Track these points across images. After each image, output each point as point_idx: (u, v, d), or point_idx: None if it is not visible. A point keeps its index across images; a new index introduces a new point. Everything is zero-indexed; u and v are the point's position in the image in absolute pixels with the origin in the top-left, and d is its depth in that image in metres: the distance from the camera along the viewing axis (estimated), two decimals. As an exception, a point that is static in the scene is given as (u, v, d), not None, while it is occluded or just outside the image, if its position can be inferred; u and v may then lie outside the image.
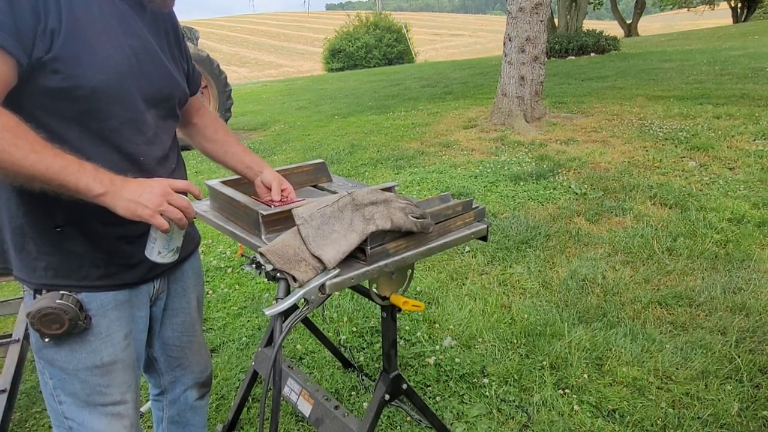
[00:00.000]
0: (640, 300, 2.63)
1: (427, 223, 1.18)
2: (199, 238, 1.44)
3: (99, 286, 1.12)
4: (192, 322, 1.42)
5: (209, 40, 41.10)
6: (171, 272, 1.31)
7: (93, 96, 1.00)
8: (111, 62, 1.01)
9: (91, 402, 1.17)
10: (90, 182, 0.94)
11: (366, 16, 24.51)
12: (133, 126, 1.08)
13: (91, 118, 1.02)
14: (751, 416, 1.88)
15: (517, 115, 6.10)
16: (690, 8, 32.93)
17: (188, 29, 7.66)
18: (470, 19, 71.61)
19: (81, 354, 1.13)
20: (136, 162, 1.10)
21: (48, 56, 0.94)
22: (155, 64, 1.13)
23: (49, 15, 0.93)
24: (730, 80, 7.55)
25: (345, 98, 10.60)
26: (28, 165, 0.89)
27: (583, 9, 14.96)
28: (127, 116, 1.06)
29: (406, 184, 4.59)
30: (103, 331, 1.14)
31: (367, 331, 2.55)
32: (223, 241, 3.73)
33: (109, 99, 1.02)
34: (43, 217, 1.05)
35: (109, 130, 1.05)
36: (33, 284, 1.09)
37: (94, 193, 0.94)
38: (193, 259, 1.39)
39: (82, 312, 1.08)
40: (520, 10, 5.88)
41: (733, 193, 3.78)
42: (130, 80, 1.06)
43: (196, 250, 1.42)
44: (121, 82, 1.03)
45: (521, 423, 1.94)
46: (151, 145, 1.13)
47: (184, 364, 1.45)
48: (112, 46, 1.02)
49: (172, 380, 1.47)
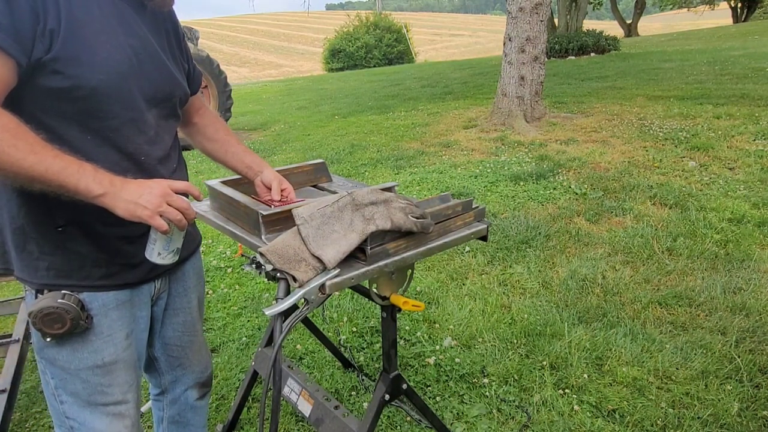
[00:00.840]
0: (640, 300, 2.63)
1: (427, 223, 1.18)
2: (200, 238, 1.44)
3: (100, 285, 1.12)
4: (193, 322, 1.42)
5: (209, 40, 41.10)
6: (172, 272, 1.31)
7: (93, 96, 0.99)
8: (111, 62, 1.01)
9: (93, 402, 1.17)
10: (89, 183, 0.94)
11: (366, 16, 24.52)
12: (133, 126, 1.08)
13: (91, 118, 1.02)
14: (751, 416, 1.88)
15: (517, 115, 6.10)
16: (690, 8, 32.95)
17: (188, 29, 7.66)
18: (470, 19, 71.61)
19: (82, 354, 1.13)
20: (137, 162, 1.09)
21: (48, 57, 0.93)
22: (156, 63, 1.13)
23: (48, 15, 0.93)
24: (730, 80, 7.55)
25: (345, 98, 10.60)
26: (27, 166, 0.89)
27: (583, 9, 14.95)
28: (127, 116, 1.06)
29: (406, 184, 4.58)
30: (104, 330, 1.14)
31: (367, 331, 2.55)
32: (223, 241, 3.73)
33: (110, 99, 1.02)
34: (45, 217, 1.05)
35: (110, 129, 1.04)
36: (35, 284, 1.09)
37: (93, 194, 0.94)
38: (194, 259, 1.39)
39: (83, 312, 1.08)
40: (520, 10, 5.88)
41: (733, 193, 3.78)
42: (131, 80, 1.05)
43: (197, 250, 1.42)
44: (121, 81, 1.03)
45: (521, 423, 1.94)
46: (152, 145, 1.12)
47: (184, 364, 1.45)
48: (112, 45, 1.02)
49: (173, 380, 1.47)
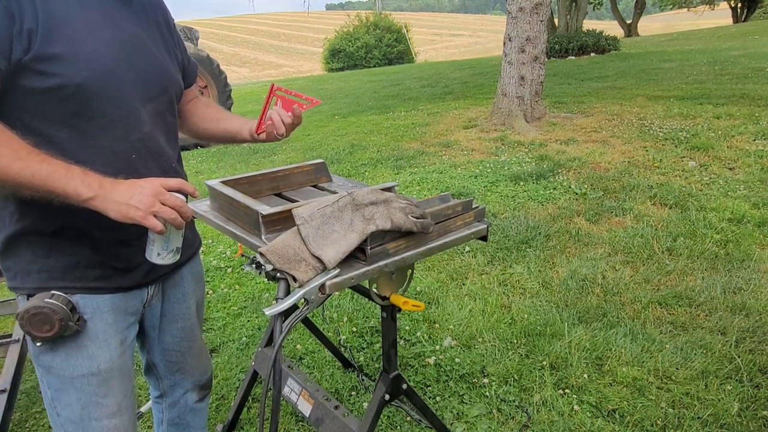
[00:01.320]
0: (640, 300, 2.63)
1: (427, 223, 1.18)
2: (199, 242, 1.42)
3: (95, 288, 1.10)
4: (192, 328, 1.40)
5: (209, 40, 41.07)
6: (167, 278, 1.28)
7: (79, 94, 0.97)
8: (96, 58, 0.98)
9: (87, 417, 1.14)
10: (78, 186, 0.92)
11: (366, 16, 24.53)
12: (125, 123, 1.05)
13: (79, 118, 0.99)
14: (751, 416, 1.88)
15: (517, 115, 6.10)
16: (690, 8, 32.95)
17: (188, 29, 7.68)
18: (470, 19, 71.62)
19: (77, 359, 1.09)
20: (129, 161, 1.07)
21: (27, 57, 0.91)
22: (146, 57, 1.09)
23: (25, 15, 0.90)
24: (730, 80, 7.55)
25: (345, 98, 10.59)
26: (13, 173, 0.88)
27: (583, 9, 14.95)
28: (117, 114, 1.03)
29: (406, 184, 4.58)
30: (99, 335, 1.11)
31: (367, 331, 2.55)
32: (223, 241, 3.73)
33: (98, 97, 0.99)
34: (39, 222, 1.03)
35: (100, 129, 1.02)
36: (27, 289, 1.06)
37: (83, 198, 0.92)
38: (192, 264, 1.36)
39: (74, 313, 1.05)
40: (520, 10, 5.88)
41: (733, 193, 3.78)
42: (120, 76, 1.02)
43: (197, 255, 1.40)
44: (108, 78, 1.00)
45: (521, 423, 1.94)
46: (146, 143, 1.10)
47: (183, 369, 1.43)
48: (96, 41, 0.99)
49: (172, 384, 1.45)
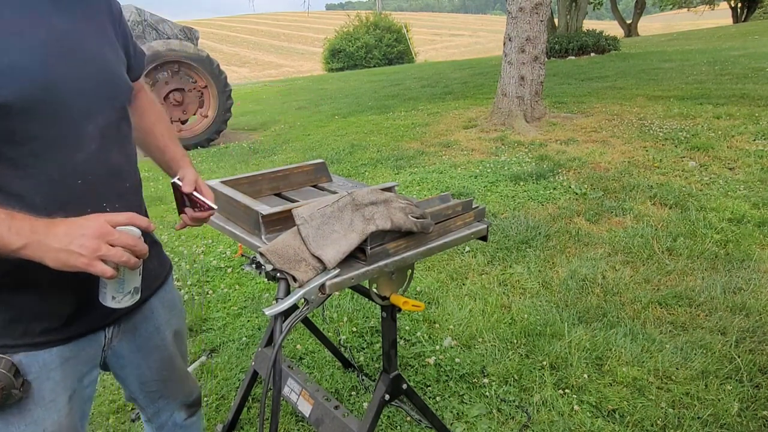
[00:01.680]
0: (640, 300, 2.63)
1: (427, 223, 1.18)
2: (169, 266, 1.25)
3: (42, 342, 0.94)
4: (170, 357, 1.25)
5: (209, 40, 41.08)
6: (134, 314, 1.12)
7: (0, 118, 0.80)
8: (16, 71, 0.81)
9: None
10: (4, 235, 0.76)
11: (366, 16, 24.54)
12: (64, 144, 0.88)
13: (6, 145, 0.82)
14: (751, 416, 1.88)
15: (517, 115, 6.10)
16: (690, 8, 32.95)
17: (188, 29, 7.68)
18: (470, 19, 71.62)
19: (19, 427, 0.93)
20: (74, 189, 0.90)
21: None
22: (86, 60, 0.92)
23: None
24: (730, 80, 7.55)
25: (345, 98, 10.60)
26: None
27: (583, 9, 14.96)
28: (53, 134, 0.86)
29: (406, 184, 4.58)
30: (46, 395, 0.95)
31: (367, 331, 2.55)
32: (223, 241, 3.73)
33: (25, 117, 0.82)
34: None
35: (32, 155, 0.84)
36: None
37: (12, 248, 0.77)
38: (162, 293, 1.19)
39: (18, 378, 0.90)
40: (520, 10, 5.88)
41: (733, 193, 3.78)
42: (52, 89, 0.85)
43: (168, 281, 1.22)
44: (36, 92, 0.83)
45: (521, 423, 1.94)
46: (93, 165, 0.92)
47: (165, 395, 1.30)
48: (16, 49, 0.82)
49: (156, 411, 1.33)
